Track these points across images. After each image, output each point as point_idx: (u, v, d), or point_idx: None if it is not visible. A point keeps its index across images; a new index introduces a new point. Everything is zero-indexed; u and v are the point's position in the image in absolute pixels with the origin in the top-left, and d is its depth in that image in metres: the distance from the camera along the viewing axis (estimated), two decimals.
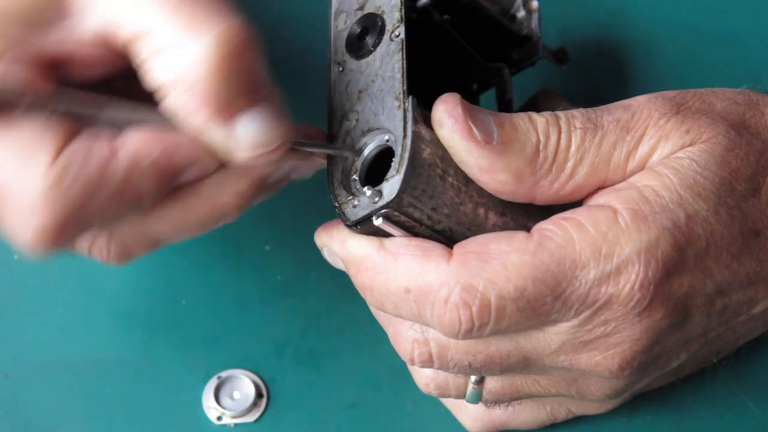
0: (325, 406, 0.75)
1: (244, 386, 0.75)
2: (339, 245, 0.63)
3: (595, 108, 0.63)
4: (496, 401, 0.68)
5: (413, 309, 0.61)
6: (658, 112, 0.63)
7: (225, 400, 0.74)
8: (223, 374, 0.75)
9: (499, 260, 0.60)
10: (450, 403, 0.73)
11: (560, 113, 0.62)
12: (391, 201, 0.59)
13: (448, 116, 0.60)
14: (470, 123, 0.60)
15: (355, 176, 0.63)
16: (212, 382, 0.75)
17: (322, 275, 0.79)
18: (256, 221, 0.81)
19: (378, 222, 0.60)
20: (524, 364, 0.64)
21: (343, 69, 0.65)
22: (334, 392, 0.75)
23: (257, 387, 0.75)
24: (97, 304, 0.78)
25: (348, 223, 0.62)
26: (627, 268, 0.60)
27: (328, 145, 0.63)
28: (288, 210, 0.82)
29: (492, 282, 0.60)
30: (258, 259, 0.80)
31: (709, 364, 0.70)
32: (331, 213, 0.81)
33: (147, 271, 0.79)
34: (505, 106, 0.73)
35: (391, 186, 0.60)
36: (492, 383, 0.67)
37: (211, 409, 0.74)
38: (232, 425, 0.74)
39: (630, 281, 0.60)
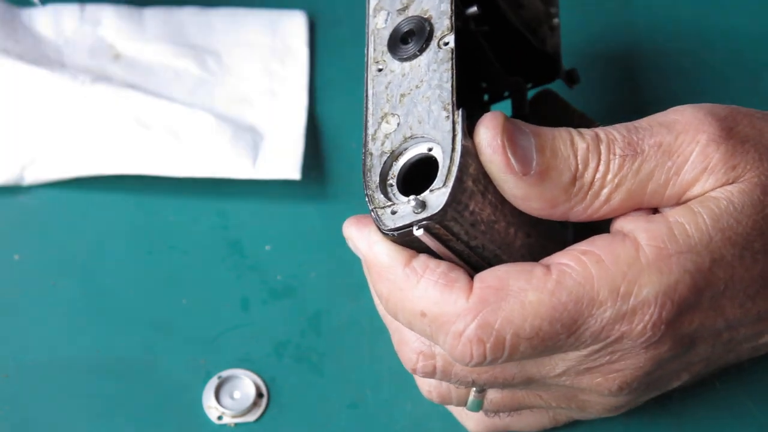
0: (325, 406, 0.75)
1: (244, 386, 0.75)
2: (367, 246, 0.62)
3: (637, 126, 0.62)
4: (497, 411, 0.68)
5: (426, 330, 0.61)
6: (707, 136, 0.61)
7: (225, 399, 0.74)
8: (224, 374, 0.75)
9: (517, 299, 0.60)
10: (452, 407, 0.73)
11: (602, 135, 0.61)
12: (436, 214, 0.59)
13: (487, 146, 0.60)
14: (509, 152, 0.60)
15: (392, 181, 0.62)
16: (212, 382, 0.75)
17: (322, 275, 0.79)
18: (256, 221, 0.81)
19: (418, 233, 0.60)
20: (527, 383, 0.64)
21: (383, 69, 0.64)
22: (334, 392, 0.75)
23: (257, 387, 0.75)
24: (97, 304, 0.78)
25: (384, 229, 0.61)
26: (643, 309, 0.60)
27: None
28: (288, 210, 0.82)
29: (509, 321, 0.59)
30: (258, 259, 0.80)
31: (710, 381, 0.70)
32: (331, 213, 0.81)
33: (147, 271, 0.79)
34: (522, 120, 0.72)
35: (436, 198, 0.59)
36: (493, 394, 0.67)
37: (211, 408, 0.74)
38: (233, 425, 0.74)
39: (644, 321, 0.60)
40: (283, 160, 0.82)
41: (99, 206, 0.81)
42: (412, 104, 0.62)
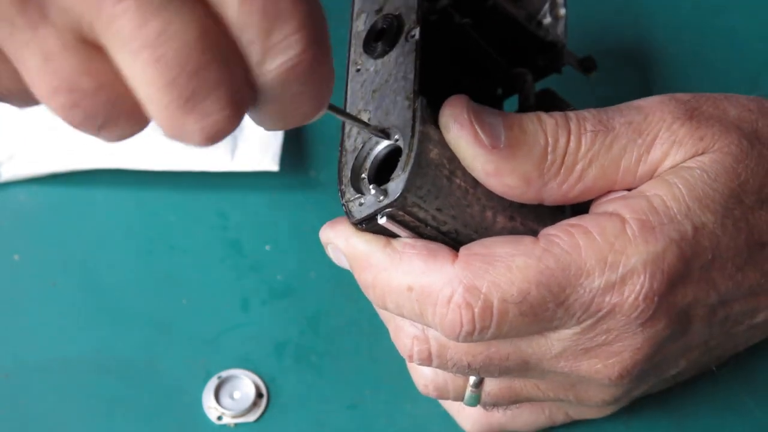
0: (325, 406, 0.75)
1: (244, 386, 0.75)
2: (344, 242, 0.62)
3: (606, 109, 0.63)
4: (495, 404, 0.68)
5: (415, 308, 0.61)
6: (672, 116, 0.62)
7: (225, 399, 0.74)
8: (223, 374, 0.75)
9: (504, 263, 0.60)
10: (448, 405, 0.73)
11: (571, 114, 0.62)
12: (395, 200, 0.59)
13: (453, 121, 0.60)
14: (477, 127, 0.60)
15: (364, 175, 0.62)
16: (212, 382, 0.75)
17: (322, 275, 0.79)
18: (256, 221, 0.81)
19: (382, 221, 0.60)
20: (524, 367, 0.64)
21: (360, 69, 0.65)
22: (334, 392, 0.75)
23: (257, 387, 0.75)
24: (97, 304, 0.78)
25: (353, 221, 0.61)
26: (632, 279, 0.60)
27: (358, 119, 0.62)
28: (288, 210, 0.82)
29: (495, 284, 0.59)
30: (258, 259, 0.80)
31: (708, 370, 0.70)
32: (332, 214, 0.81)
33: (147, 271, 0.79)
34: (525, 112, 0.73)
35: (396, 185, 0.59)
36: (490, 386, 0.67)
37: (211, 408, 0.74)
38: (233, 425, 0.74)
39: (634, 292, 0.60)
40: (261, 151, 0.82)
41: (99, 206, 0.81)
42: (381, 98, 0.63)
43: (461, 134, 0.60)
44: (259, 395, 0.75)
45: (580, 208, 0.64)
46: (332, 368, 0.76)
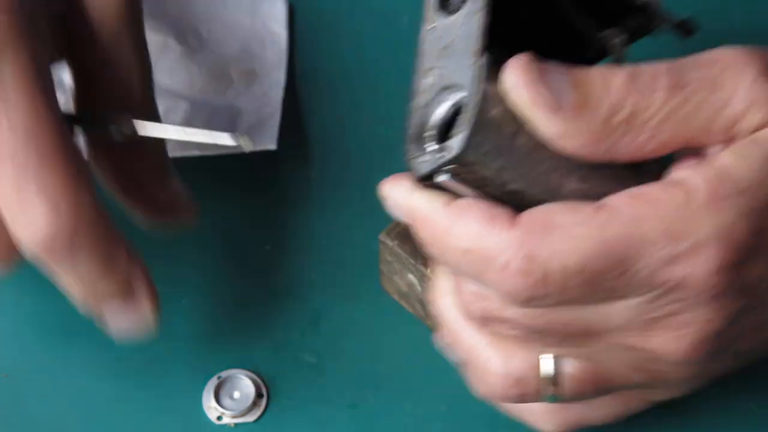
0: (325, 406, 0.75)
1: (244, 386, 0.75)
2: (405, 197, 0.61)
3: (680, 61, 0.61)
4: (578, 391, 0.65)
5: (472, 269, 0.60)
6: (754, 70, 0.59)
7: (225, 400, 0.74)
8: (223, 374, 0.75)
9: (564, 232, 0.58)
10: (518, 410, 0.70)
11: (643, 68, 0.60)
12: (455, 157, 0.58)
13: (515, 83, 0.58)
14: (540, 88, 0.58)
15: (429, 132, 0.62)
16: (212, 382, 0.75)
17: (322, 275, 0.79)
18: (256, 221, 0.81)
19: (443, 177, 0.60)
20: (586, 335, 0.62)
21: (434, 26, 0.64)
22: (334, 392, 0.75)
23: (257, 387, 0.75)
24: None
25: (416, 177, 0.61)
26: (700, 251, 0.58)
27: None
28: (288, 210, 0.82)
29: (555, 252, 0.58)
30: (258, 259, 0.80)
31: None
32: (332, 213, 0.81)
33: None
34: None
35: (457, 142, 0.59)
36: (570, 368, 0.64)
37: (211, 409, 0.74)
38: (232, 425, 0.74)
39: (701, 264, 0.58)
40: (259, 132, 0.82)
41: None
42: (450, 55, 0.62)
43: (523, 97, 0.58)
44: (259, 395, 0.75)
45: (650, 169, 0.62)
46: (332, 368, 0.76)
